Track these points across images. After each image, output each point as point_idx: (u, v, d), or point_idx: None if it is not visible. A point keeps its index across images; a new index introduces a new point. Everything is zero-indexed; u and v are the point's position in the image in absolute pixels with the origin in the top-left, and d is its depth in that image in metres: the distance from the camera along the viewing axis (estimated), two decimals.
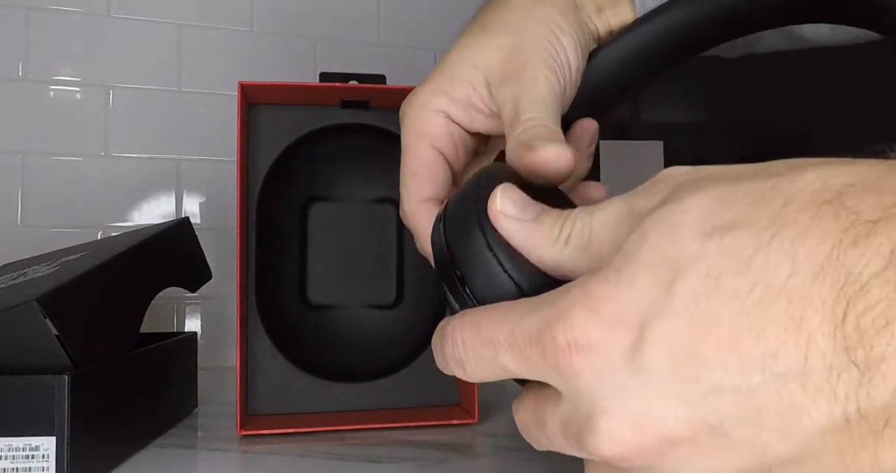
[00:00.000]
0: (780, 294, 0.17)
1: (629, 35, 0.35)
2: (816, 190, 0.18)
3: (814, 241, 0.17)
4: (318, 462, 0.43)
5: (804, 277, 0.17)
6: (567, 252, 0.22)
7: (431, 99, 0.33)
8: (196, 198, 0.87)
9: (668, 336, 0.18)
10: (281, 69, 0.90)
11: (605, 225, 0.22)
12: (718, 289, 0.17)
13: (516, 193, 0.24)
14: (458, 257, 0.25)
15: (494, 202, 0.24)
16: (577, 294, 0.19)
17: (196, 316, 0.86)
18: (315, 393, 0.54)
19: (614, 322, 0.18)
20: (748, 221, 0.18)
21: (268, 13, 0.91)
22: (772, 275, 0.17)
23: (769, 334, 0.17)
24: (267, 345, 0.54)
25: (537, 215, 0.23)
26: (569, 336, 0.19)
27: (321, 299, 0.58)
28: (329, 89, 0.54)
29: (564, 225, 0.23)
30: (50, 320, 0.37)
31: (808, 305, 0.16)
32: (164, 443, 0.48)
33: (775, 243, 0.17)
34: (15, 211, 0.81)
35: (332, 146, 0.58)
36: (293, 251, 0.58)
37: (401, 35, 0.97)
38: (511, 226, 0.23)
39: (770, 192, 0.18)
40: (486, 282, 0.24)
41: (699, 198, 0.19)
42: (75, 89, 0.84)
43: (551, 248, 0.23)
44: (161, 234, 0.53)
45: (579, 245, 0.22)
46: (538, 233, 0.23)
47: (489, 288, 0.24)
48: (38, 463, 0.36)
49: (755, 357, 0.17)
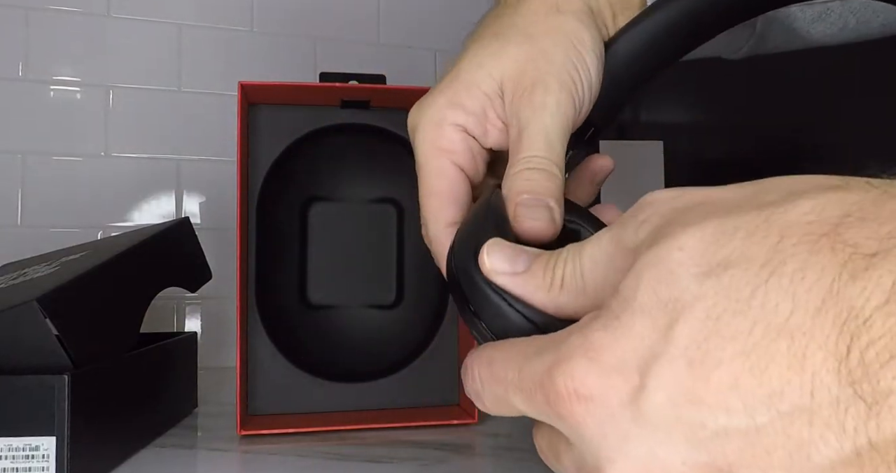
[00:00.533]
0: (782, 332, 0.16)
1: (642, 25, 0.34)
2: (812, 222, 0.17)
3: (813, 277, 0.16)
4: (318, 462, 0.43)
5: (805, 314, 0.16)
6: (564, 296, 0.23)
7: (446, 111, 0.32)
8: (196, 198, 0.87)
9: (668, 381, 0.18)
10: (281, 69, 0.90)
11: (596, 262, 0.22)
12: (718, 331, 0.17)
13: (504, 248, 0.24)
14: (470, 295, 0.25)
15: (483, 261, 0.24)
16: (578, 342, 0.19)
17: (196, 316, 0.86)
18: (315, 393, 0.54)
19: (613, 370, 0.18)
20: (744, 259, 0.17)
21: (268, 13, 0.91)
22: (772, 314, 0.17)
23: (772, 373, 0.16)
24: (267, 345, 0.54)
25: (528, 265, 0.24)
26: (569, 385, 0.19)
27: (321, 299, 0.58)
28: (329, 89, 0.54)
29: (556, 269, 0.23)
30: (50, 320, 0.37)
31: (810, 342, 0.16)
32: (164, 443, 0.48)
33: (773, 281, 0.17)
34: (15, 211, 0.81)
35: (332, 146, 0.58)
36: (293, 251, 0.58)
37: (401, 35, 0.97)
38: (505, 280, 0.24)
39: (764, 225, 0.18)
40: (500, 321, 0.24)
41: (692, 234, 0.19)
42: (75, 89, 0.84)
43: (548, 295, 0.23)
44: (161, 234, 0.53)
45: (575, 287, 0.22)
46: (532, 283, 0.23)
47: (503, 326, 0.24)
48: (38, 463, 0.36)
49: (759, 396, 0.17)
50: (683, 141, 1.06)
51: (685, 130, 1.09)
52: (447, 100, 0.32)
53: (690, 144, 1.07)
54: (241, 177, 0.52)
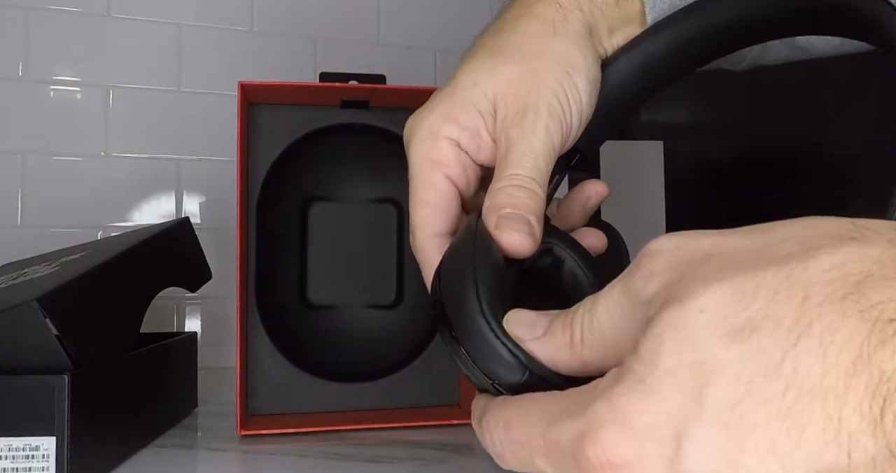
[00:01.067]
0: (816, 395, 0.17)
1: (639, 47, 0.35)
2: (834, 280, 0.17)
3: (842, 340, 0.17)
4: (318, 462, 0.43)
5: (837, 377, 0.16)
6: (587, 353, 0.23)
7: (441, 125, 0.33)
8: (196, 198, 0.87)
9: (705, 446, 0.17)
10: (281, 69, 0.90)
11: (611, 314, 0.22)
12: (750, 394, 0.17)
13: (522, 316, 0.25)
14: (463, 338, 0.26)
15: (510, 331, 0.25)
16: (604, 408, 0.19)
17: (196, 316, 0.86)
18: (315, 393, 0.54)
19: (646, 437, 0.18)
20: (771, 320, 0.17)
21: (268, 13, 0.91)
22: (804, 377, 0.17)
23: (809, 435, 0.16)
24: (267, 345, 0.54)
25: (547, 328, 0.24)
26: (601, 455, 0.19)
27: (321, 299, 0.58)
28: (329, 89, 0.54)
29: (574, 328, 0.23)
30: (50, 320, 0.37)
31: (844, 405, 0.16)
32: (164, 443, 0.48)
33: (803, 344, 0.17)
34: (15, 211, 0.81)
35: (332, 146, 0.58)
36: (293, 251, 0.58)
37: (401, 35, 0.97)
38: (532, 346, 0.24)
39: (786, 284, 0.18)
40: (503, 371, 0.25)
41: (712, 294, 0.18)
42: (75, 89, 0.84)
43: (572, 355, 0.23)
44: (161, 234, 0.53)
45: (596, 343, 0.22)
46: (554, 345, 0.24)
47: (506, 377, 0.25)
48: (38, 463, 0.36)
49: (798, 459, 0.17)
50: (683, 141, 1.06)
51: (685, 131, 1.09)
52: (442, 115, 0.33)
53: (690, 145, 1.07)
54: (241, 177, 0.52)
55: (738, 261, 0.19)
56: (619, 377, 0.19)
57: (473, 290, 0.26)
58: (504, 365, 0.25)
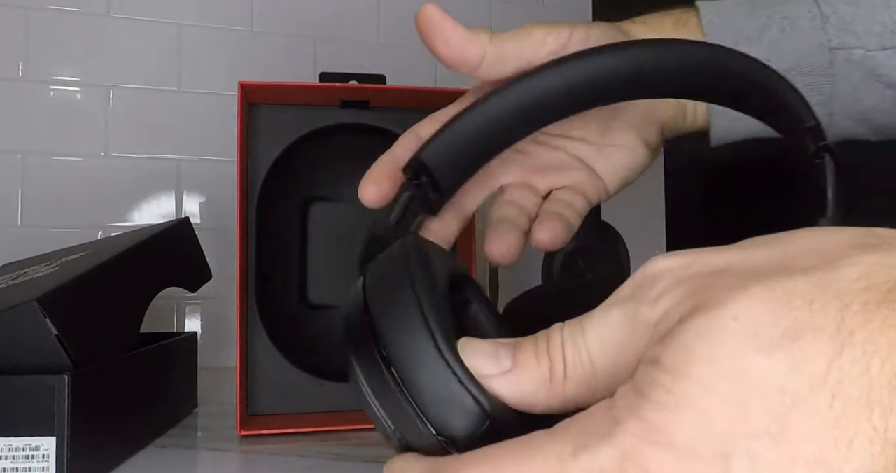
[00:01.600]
0: (862, 406, 0.16)
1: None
2: (865, 288, 0.17)
3: (884, 350, 0.16)
4: (318, 462, 0.43)
5: (881, 388, 0.16)
6: (572, 389, 0.20)
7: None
8: (196, 198, 0.87)
9: (755, 460, 0.17)
10: (281, 69, 0.90)
11: (606, 343, 0.20)
12: (797, 406, 0.17)
13: (480, 345, 0.21)
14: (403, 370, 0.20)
15: (469, 362, 0.21)
16: (638, 427, 0.18)
17: (196, 316, 0.86)
18: (315, 393, 0.54)
19: (690, 454, 0.17)
20: (811, 330, 0.17)
21: (268, 13, 0.91)
22: (850, 388, 0.17)
23: (857, 447, 0.16)
24: (267, 345, 0.54)
25: (514, 358, 0.21)
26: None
27: (321, 299, 0.58)
28: (329, 89, 0.54)
29: (553, 359, 0.20)
30: (50, 320, 0.37)
31: (890, 416, 0.16)
32: (164, 443, 0.48)
33: (847, 354, 0.17)
34: (15, 211, 0.81)
35: (332, 146, 0.58)
36: (293, 251, 0.58)
37: (401, 35, 0.97)
38: (498, 384, 0.21)
39: (818, 292, 0.17)
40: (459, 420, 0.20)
41: (743, 302, 0.18)
42: (75, 89, 0.84)
43: (552, 392, 0.20)
44: (161, 234, 0.53)
45: (582, 377, 0.20)
46: (528, 381, 0.20)
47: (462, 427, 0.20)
48: (38, 463, 0.36)
49: (847, 471, 0.16)
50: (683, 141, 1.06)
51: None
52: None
53: (691, 145, 1.07)
54: (241, 177, 0.52)
55: (759, 273, 0.18)
56: (642, 392, 0.18)
57: (416, 304, 0.21)
58: (463, 411, 0.20)
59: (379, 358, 0.20)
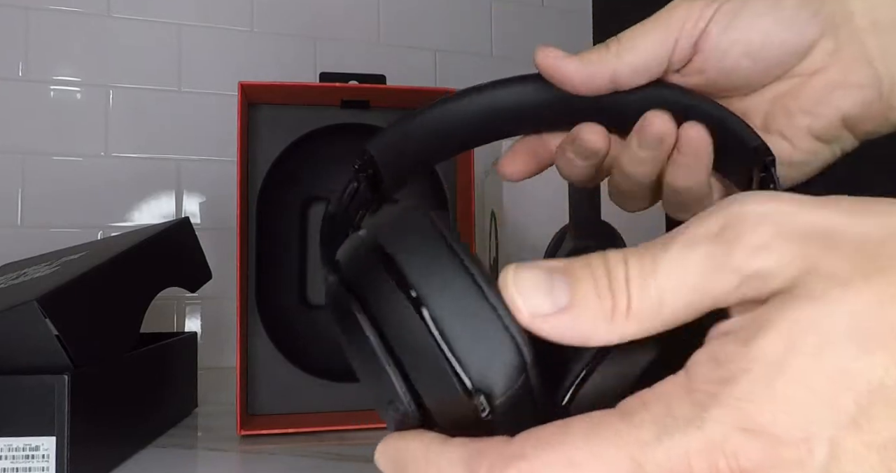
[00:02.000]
0: None
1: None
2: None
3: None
4: (318, 462, 0.43)
5: None
6: (632, 325, 0.18)
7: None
8: (196, 198, 0.87)
9: (835, 446, 0.17)
10: (281, 69, 0.90)
11: (683, 285, 0.18)
12: (886, 398, 0.16)
13: (531, 275, 0.19)
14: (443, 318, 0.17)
15: (514, 301, 0.18)
16: (724, 414, 0.17)
17: (196, 316, 0.86)
18: (315, 393, 0.54)
19: (778, 441, 0.17)
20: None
21: (268, 13, 0.91)
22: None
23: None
24: (267, 345, 0.54)
25: (571, 293, 0.18)
26: (733, 463, 0.17)
27: (321, 299, 0.58)
28: (329, 89, 0.54)
29: (616, 296, 0.18)
30: (50, 320, 0.37)
31: None
32: (164, 443, 0.48)
33: None
34: (15, 211, 0.81)
35: (332, 146, 0.58)
36: (293, 251, 0.58)
37: (401, 35, 0.97)
38: (552, 324, 0.18)
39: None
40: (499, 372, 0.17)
41: (853, 297, 0.17)
42: (75, 89, 0.84)
43: (610, 330, 0.18)
44: (161, 234, 0.53)
45: (647, 316, 0.18)
46: (586, 319, 0.18)
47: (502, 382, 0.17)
48: (38, 463, 0.36)
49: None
50: None
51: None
52: None
53: None
54: (241, 177, 0.52)
55: (867, 255, 0.17)
56: (731, 378, 0.17)
57: (444, 240, 0.18)
58: (504, 360, 0.17)
59: (406, 299, 0.17)
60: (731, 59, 0.30)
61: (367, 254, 0.18)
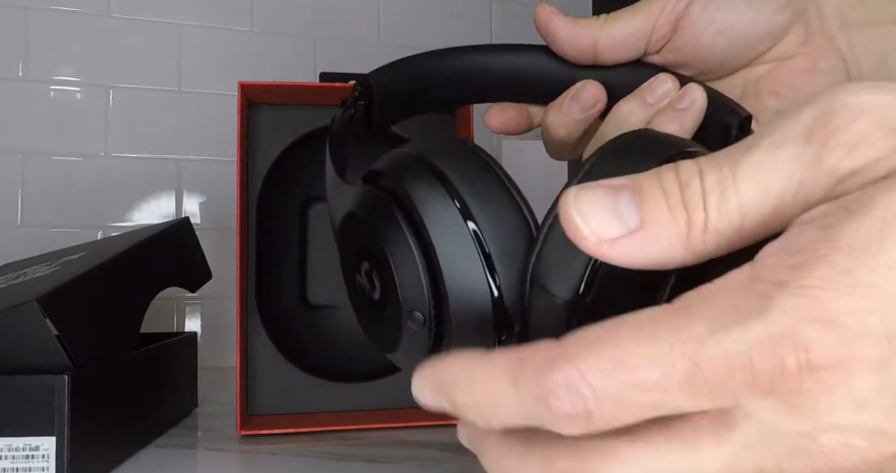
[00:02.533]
0: None
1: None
2: None
3: None
4: (318, 462, 0.43)
5: None
6: (710, 244, 0.17)
7: None
8: (196, 198, 0.87)
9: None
10: (281, 69, 0.90)
11: (768, 194, 0.16)
12: None
13: (596, 195, 0.17)
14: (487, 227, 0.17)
15: (575, 225, 0.17)
16: (799, 304, 0.15)
17: (196, 316, 0.86)
18: (315, 393, 0.54)
19: (856, 337, 0.15)
20: None
21: (268, 13, 0.91)
22: None
23: None
24: (267, 345, 0.54)
25: (642, 213, 0.17)
26: (801, 356, 0.15)
27: (321, 299, 0.58)
28: (329, 89, 0.54)
29: (692, 212, 0.17)
30: (50, 320, 0.37)
31: None
32: (164, 443, 0.48)
33: None
34: (15, 211, 0.81)
35: None
36: (293, 251, 0.58)
37: (401, 35, 0.97)
38: (623, 248, 0.17)
39: None
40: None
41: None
42: (75, 89, 0.84)
43: (687, 249, 0.17)
44: (161, 234, 0.53)
45: (727, 230, 0.17)
46: (660, 240, 0.17)
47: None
48: (38, 463, 0.36)
49: None
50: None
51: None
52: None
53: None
54: (241, 177, 0.52)
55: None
56: (804, 264, 0.15)
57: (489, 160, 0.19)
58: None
59: (456, 207, 0.18)
60: (706, 37, 0.32)
61: (419, 169, 0.19)
